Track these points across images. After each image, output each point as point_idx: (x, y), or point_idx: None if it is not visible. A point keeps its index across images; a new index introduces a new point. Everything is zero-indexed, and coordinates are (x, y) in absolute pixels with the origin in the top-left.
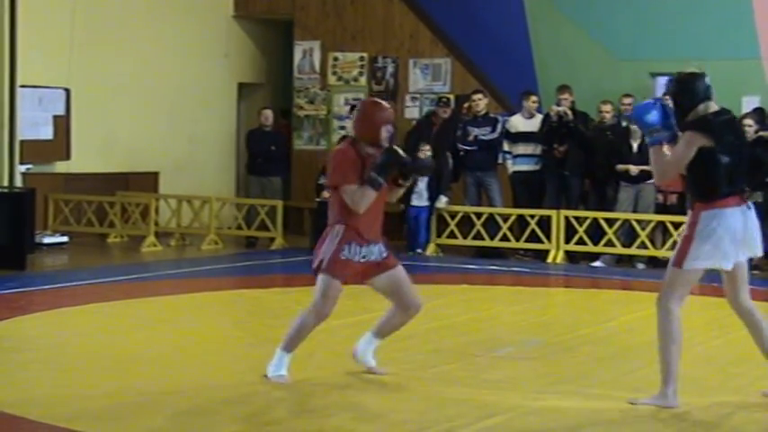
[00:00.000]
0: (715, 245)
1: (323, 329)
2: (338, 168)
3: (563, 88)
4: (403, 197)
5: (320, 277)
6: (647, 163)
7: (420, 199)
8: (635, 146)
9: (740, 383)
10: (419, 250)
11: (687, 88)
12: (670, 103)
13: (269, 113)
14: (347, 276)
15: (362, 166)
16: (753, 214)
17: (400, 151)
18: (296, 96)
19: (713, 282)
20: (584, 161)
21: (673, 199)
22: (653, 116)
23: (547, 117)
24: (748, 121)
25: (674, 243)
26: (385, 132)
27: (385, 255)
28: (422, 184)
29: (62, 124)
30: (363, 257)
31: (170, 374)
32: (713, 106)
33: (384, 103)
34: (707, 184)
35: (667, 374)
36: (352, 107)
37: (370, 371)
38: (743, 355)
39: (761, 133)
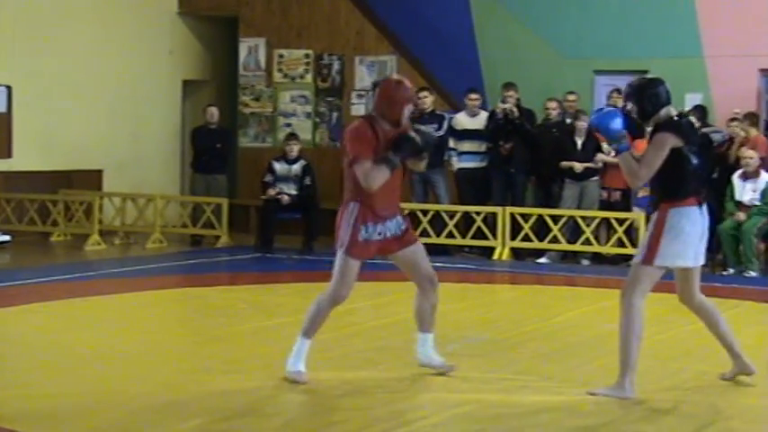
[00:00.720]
0: (685, 243)
1: (265, 329)
2: (354, 143)
3: (508, 86)
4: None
5: (339, 257)
6: (591, 160)
7: None
8: (579, 143)
9: (685, 377)
10: None
11: (651, 93)
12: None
13: (214, 111)
14: (367, 256)
15: (378, 143)
16: (707, 214)
17: (414, 135)
18: (241, 94)
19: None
20: (530, 158)
21: (617, 196)
22: (617, 123)
23: (493, 114)
24: (690, 119)
25: (619, 239)
26: (407, 111)
27: (404, 228)
28: None
29: (3, 122)
30: (380, 234)
31: (113, 374)
32: (673, 110)
33: (406, 81)
34: (676, 184)
35: (626, 366)
36: (375, 84)
37: (443, 368)
38: (687, 351)
39: (703, 130)
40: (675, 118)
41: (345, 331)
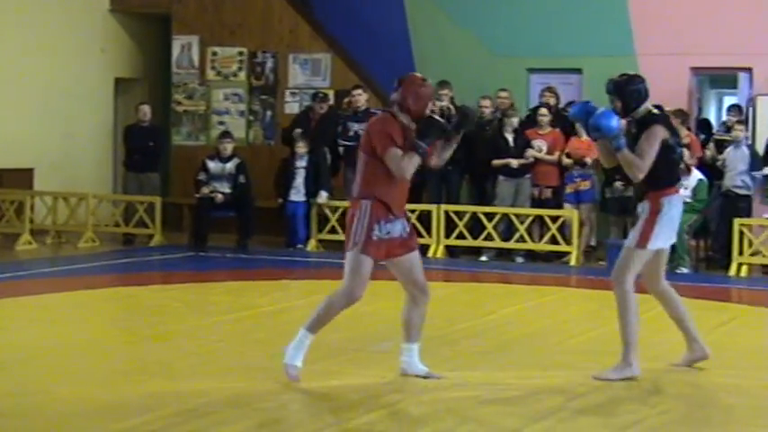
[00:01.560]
0: (671, 227)
1: (199, 328)
2: (383, 134)
3: (443, 84)
4: (282, 192)
5: (351, 255)
6: (522, 157)
7: (298, 194)
8: (511, 140)
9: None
10: (299, 246)
11: (634, 89)
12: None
13: (146, 109)
14: (380, 256)
15: (403, 136)
16: None
17: (438, 118)
18: (174, 92)
19: (589, 275)
20: (465, 156)
21: (548, 193)
22: (615, 122)
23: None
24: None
25: (552, 237)
26: (431, 107)
27: (408, 232)
28: (299, 178)
29: None
30: (388, 234)
31: (45, 375)
32: (650, 105)
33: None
34: (666, 174)
35: (630, 345)
36: (400, 80)
37: (428, 376)
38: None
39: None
40: (656, 112)
41: (279, 330)
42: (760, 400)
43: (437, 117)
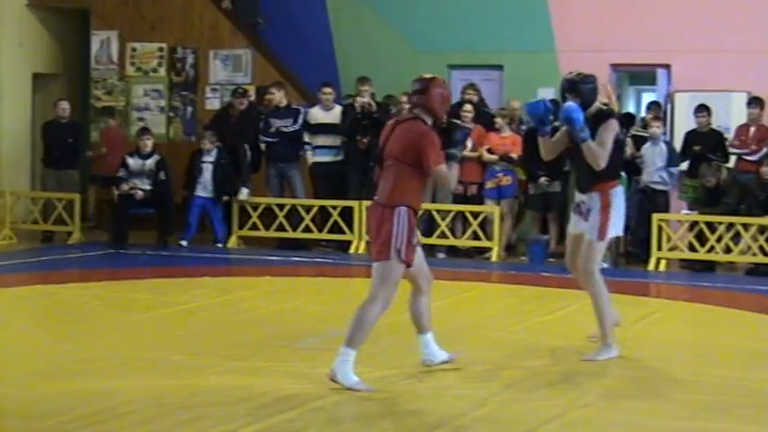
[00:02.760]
0: (620, 216)
1: (119, 326)
2: (434, 148)
3: (363, 80)
4: (190, 185)
5: (392, 263)
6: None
7: (205, 190)
8: None
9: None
10: (219, 244)
11: (590, 87)
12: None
13: (65, 105)
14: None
15: None
16: None
17: (460, 122)
18: (93, 87)
19: (510, 270)
20: None
21: (473, 190)
22: (581, 115)
23: (348, 108)
24: None
25: (474, 232)
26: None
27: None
28: (207, 174)
29: None
30: (416, 238)
31: None
32: (599, 103)
33: None
34: (614, 167)
35: (607, 329)
36: (425, 83)
37: (451, 361)
38: (538, 342)
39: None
40: (606, 108)
41: (203, 328)
42: (672, 389)
43: (458, 121)
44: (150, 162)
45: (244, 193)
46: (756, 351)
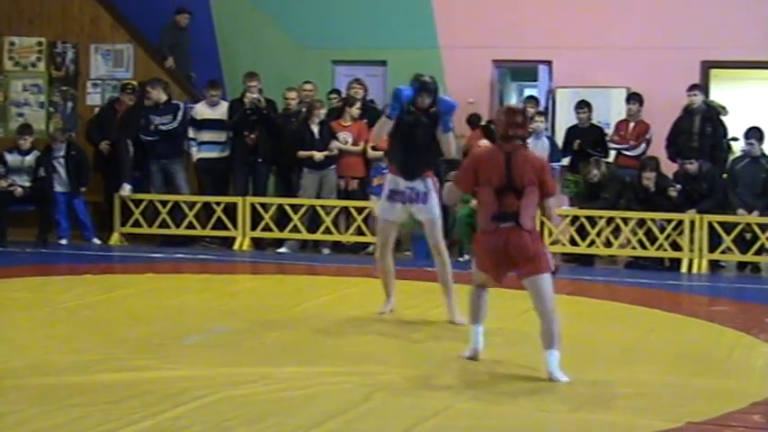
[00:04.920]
0: None
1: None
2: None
3: (251, 75)
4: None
5: (551, 278)
6: (327, 149)
7: (63, 185)
8: (316, 132)
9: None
10: (96, 240)
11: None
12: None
13: None
14: None
15: None
16: None
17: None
18: None
19: (396, 265)
20: (272, 148)
21: (354, 184)
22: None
23: (234, 104)
24: None
25: (358, 228)
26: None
27: None
28: (61, 169)
29: None
30: None
31: None
32: None
33: None
34: (436, 158)
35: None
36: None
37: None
38: (424, 335)
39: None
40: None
41: (83, 325)
42: (555, 382)
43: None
44: (30, 158)
45: (126, 189)
46: (636, 343)
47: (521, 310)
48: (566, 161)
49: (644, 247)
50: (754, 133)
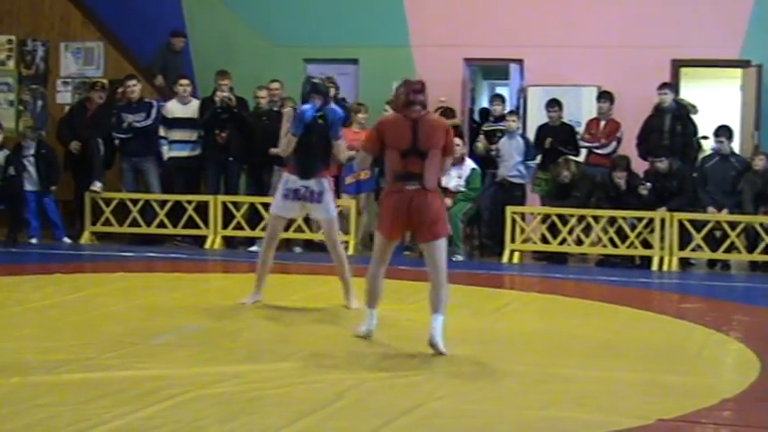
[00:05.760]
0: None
1: None
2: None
3: (223, 73)
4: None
5: (445, 242)
6: None
7: (33, 184)
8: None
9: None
10: (66, 239)
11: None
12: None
13: None
14: None
15: None
16: None
17: None
18: None
19: (367, 263)
20: (244, 146)
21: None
22: None
23: (205, 102)
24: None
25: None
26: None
27: None
28: (31, 168)
29: None
30: None
31: None
32: None
33: None
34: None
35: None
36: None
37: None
38: (393, 333)
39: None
40: None
41: (52, 325)
42: (526, 380)
43: None
44: None
45: (97, 186)
46: (607, 341)
47: (493, 307)
48: (537, 159)
49: (615, 246)
50: (723, 131)
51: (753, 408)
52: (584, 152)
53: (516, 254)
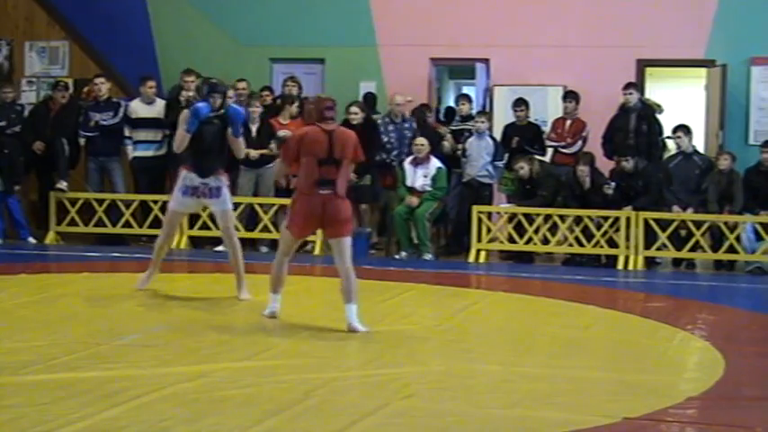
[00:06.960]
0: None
1: None
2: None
3: (189, 72)
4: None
5: (350, 239)
6: (265, 146)
7: None
8: (254, 130)
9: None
10: (31, 239)
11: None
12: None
13: None
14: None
15: None
16: None
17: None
18: None
19: (332, 263)
20: None
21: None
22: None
23: (172, 102)
24: (354, 109)
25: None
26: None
27: None
28: None
29: None
30: None
31: None
32: None
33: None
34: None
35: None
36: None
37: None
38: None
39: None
40: None
41: (23, 326)
42: (493, 379)
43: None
44: None
45: (62, 185)
46: (573, 340)
47: (460, 307)
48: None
49: (581, 245)
50: (680, 129)
51: (717, 406)
52: (550, 151)
53: (483, 253)
